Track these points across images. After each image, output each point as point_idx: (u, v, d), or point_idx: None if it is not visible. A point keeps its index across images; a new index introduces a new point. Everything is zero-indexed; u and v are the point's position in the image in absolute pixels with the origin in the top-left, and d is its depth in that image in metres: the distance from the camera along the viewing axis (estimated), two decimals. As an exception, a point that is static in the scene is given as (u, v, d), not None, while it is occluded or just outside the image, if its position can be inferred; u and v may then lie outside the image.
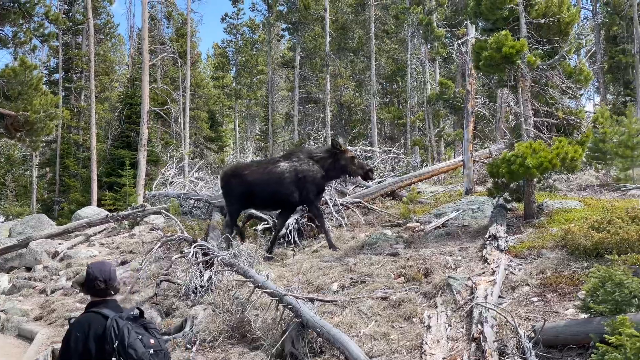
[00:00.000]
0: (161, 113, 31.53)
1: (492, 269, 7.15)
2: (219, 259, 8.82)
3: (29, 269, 13.72)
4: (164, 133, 36.58)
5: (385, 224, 11.88)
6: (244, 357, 6.62)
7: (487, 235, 8.51)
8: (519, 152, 8.82)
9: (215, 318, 7.47)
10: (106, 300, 3.95)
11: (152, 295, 9.19)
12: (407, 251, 9.12)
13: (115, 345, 3.66)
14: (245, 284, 7.84)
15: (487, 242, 8.26)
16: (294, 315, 6.55)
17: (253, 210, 12.47)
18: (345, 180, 13.65)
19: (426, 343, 5.69)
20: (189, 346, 7.21)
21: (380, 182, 14.65)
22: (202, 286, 8.56)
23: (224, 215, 13.43)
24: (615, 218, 7.34)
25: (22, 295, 11.77)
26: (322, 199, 11.80)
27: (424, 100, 27.30)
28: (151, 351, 3.73)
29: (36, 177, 36.62)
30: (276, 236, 11.21)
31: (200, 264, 8.97)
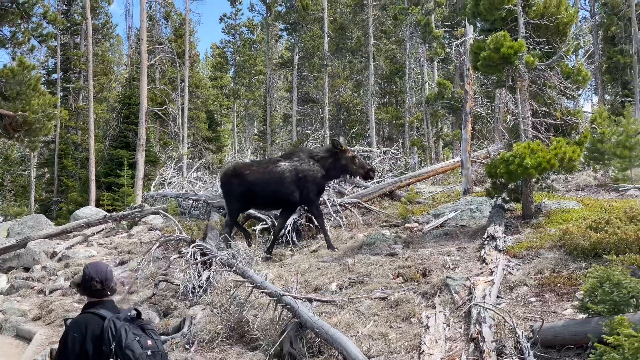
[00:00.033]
0: (159, 113, 31.52)
1: (491, 269, 7.15)
2: (217, 259, 8.81)
3: (27, 269, 13.69)
4: (163, 133, 36.58)
5: (384, 224, 11.88)
6: (243, 357, 6.62)
7: (486, 236, 8.52)
8: (517, 153, 8.83)
9: (214, 318, 7.46)
10: (103, 301, 3.95)
11: (151, 295, 9.18)
12: (406, 251, 9.12)
13: (113, 346, 3.66)
14: (243, 284, 7.83)
15: (486, 243, 8.27)
16: (293, 316, 6.54)
17: (252, 211, 12.46)
18: (346, 179, 13.66)
19: (424, 343, 5.70)
20: (187, 346, 7.20)
21: (378, 183, 14.64)
22: (201, 286, 8.55)
23: (222, 216, 13.44)
24: (613, 218, 7.35)
25: (21, 296, 11.74)
26: (321, 199, 11.80)
27: (422, 100, 27.32)
28: (148, 352, 3.73)
29: (34, 178, 36.57)
30: (276, 236, 11.20)
31: (199, 264, 8.97)
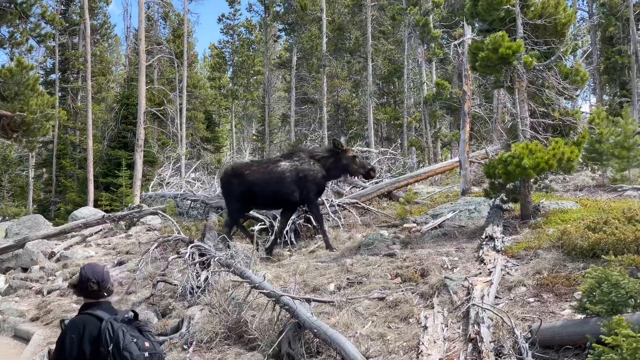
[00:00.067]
0: (158, 114, 31.49)
1: (489, 270, 7.16)
2: (215, 259, 8.81)
3: (25, 270, 13.67)
4: (161, 134, 36.57)
5: (382, 224, 11.88)
6: (241, 358, 6.62)
7: (484, 236, 8.52)
8: (516, 153, 8.83)
9: (212, 319, 7.46)
10: (99, 302, 3.96)
11: (149, 295, 9.16)
12: (404, 252, 9.11)
13: (110, 348, 3.67)
14: (242, 285, 7.82)
15: (484, 243, 8.27)
16: (291, 316, 6.54)
17: (250, 211, 12.45)
18: (346, 179, 13.67)
19: (423, 344, 5.69)
20: (185, 347, 7.20)
21: (377, 183, 14.64)
22: (199, 287, 8.54)
23: (220, 216, 13.43)
24: (611, 219, 7.35)
25: (19, 296, 11.72)
26: (319, 199, 11.79)
27: (421, 101, 27.33)
28: (146, 354, 3.73)
29: (32, 178, 36.55)
30: (279, 235, 11.20)
31: (197, 264, 8.96)
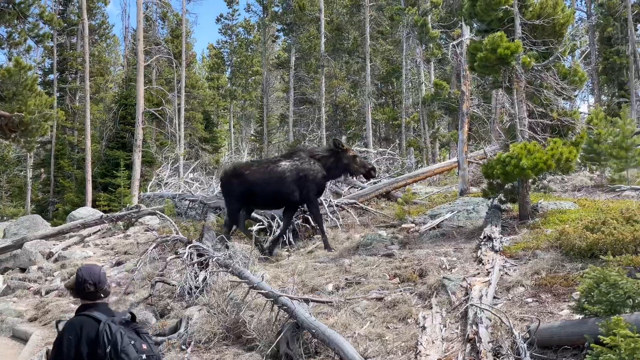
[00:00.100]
0: (156, 114, 31.45)
1: (487, 270, 7.15)
2: (213, 259, 8.81)
3: (23, 270, 13.65)
4: (159, 134, 36.54)
5: (380, 224, 11.88)
6: (239, 358, 6.61)
7: (482, 236, 8.52)
8: (514, 153, 8.83)
9: (210, 319, 7.46)
10: (97, 303, 3.95)
11: (147, 296, 9.15)
12: (402, 252, 9.11)
13: (108, 350, 3.66)
14: (240, 285, 7.82)
15: (482, 243, 8.27)
16: (289, 316, 6.54)
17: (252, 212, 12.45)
18: (347, 179, 13.68)
19: (421, 344, 5.69)
20: (183, 347, 7.20)
21: (375, 183, 14.64)
22: (197, 287, 8.54)
23: (219, 216, 13.42)
24: (609, 219, 7.35)
25: (17, 296, 11.70)
26: (319, 199, 11.79)
27: (419, 101, 27.30)
28: (143, 356, 3.73)
29: (31, 178, 36.53)
30: (281, 235, 11.18)
31: (195, 264, 8.96)
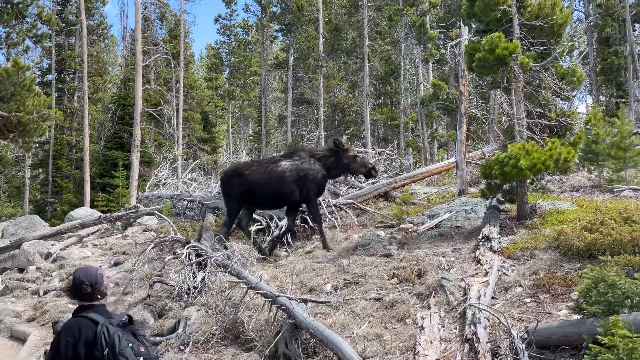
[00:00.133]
0: (154, 114, 31.38)
1: (485, 270, 7.16)
2: (212, 260, 8.80)
3: (21, 270, 13.63)
4: (157, 134, 36.49)
5: (379, 225, 11.88)
6: (237, 358, 6.61)
7: (480, 237, 8.53)
8: (512, 154, 8.84)
9: (209, 319, 7.46)
10: (94, 304, 3.95)
11: (145, 296, 9.15)
12: (401, 252, 9.12)
13: (106, 352, 3.66)
14: (238, 285, 7.82)
15: (480, 243, 8.27)
16: (288, 317, 6.54)
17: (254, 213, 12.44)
18: (347, 179, 13.69)
19: (419, 344, 5.70)
20: (182, 347, 7.19)
21: (373, 184, 14.65)
22: (196, 287, 8.53)
23: (217, 217, 13.42)
24: (607, 219, 7.37)
25: (15, 297, 11.69)
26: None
27: (417, 101, 27.30)
28: (141, 359, 3.73)
29: (29, 178, 36.44)
30: (284, 234, 11.18)
31: (194, 265, 8.95)
